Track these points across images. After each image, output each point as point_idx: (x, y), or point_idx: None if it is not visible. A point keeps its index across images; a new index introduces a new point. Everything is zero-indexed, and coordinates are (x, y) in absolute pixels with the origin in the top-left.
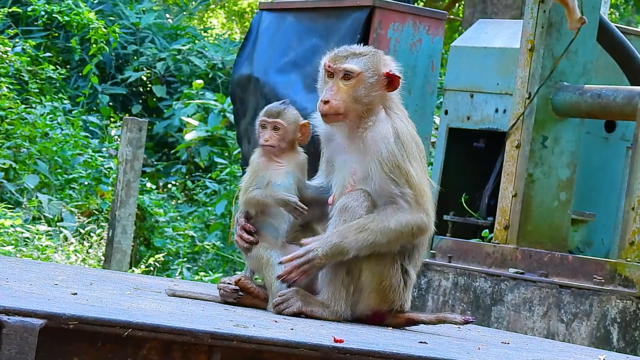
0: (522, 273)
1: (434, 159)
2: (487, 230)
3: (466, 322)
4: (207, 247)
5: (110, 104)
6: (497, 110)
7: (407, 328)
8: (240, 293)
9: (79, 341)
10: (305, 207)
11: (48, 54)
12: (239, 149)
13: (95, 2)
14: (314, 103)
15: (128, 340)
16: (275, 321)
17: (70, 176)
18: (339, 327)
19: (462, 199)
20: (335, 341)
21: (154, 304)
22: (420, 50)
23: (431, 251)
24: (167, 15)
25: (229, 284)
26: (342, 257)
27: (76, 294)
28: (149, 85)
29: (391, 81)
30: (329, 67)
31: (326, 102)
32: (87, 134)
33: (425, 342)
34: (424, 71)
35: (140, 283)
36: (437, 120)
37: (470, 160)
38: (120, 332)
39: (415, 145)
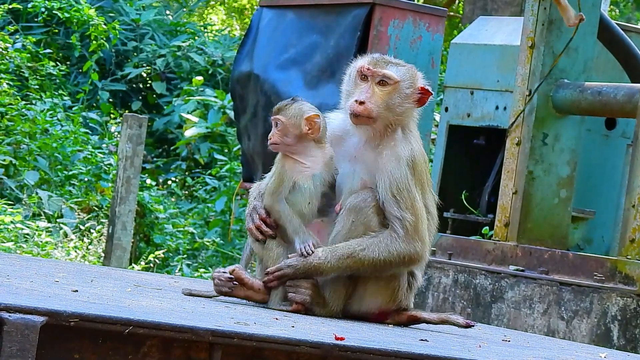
0: (522, 270)
1: (434, 156)
2: (487, 228)
3: (468, 326)
4: (207, 243)
5: (110, 100)
6: (497, 108)
7: (408, 326)
8: (235, 283)
9: (80, 338)
10: (311, 250)
11: (48, 51)
12: (239, 146)
13: None
14: (314, 100)
15: (129, 338)
16: (276, 318)
17: (70, 172)
18: (339, 325)
19: (462, 196)
20: (336, 339)
21: (155, 301)
22: (420, 47)
23: (431, 248)
24: (167, 12)
25: (223, 272)
26: (319, 276)
27: (77, 291)
28: (149, 82)
29: (422, 97)
30: (367, 69)
31: (362, 103)
32: (87, 131)
33: (426, 340)
34: (424, 68)
35: (141, 280)
36: (437, 117)
37: (471, 157)
38: (121, 330)
39: (425, 169)
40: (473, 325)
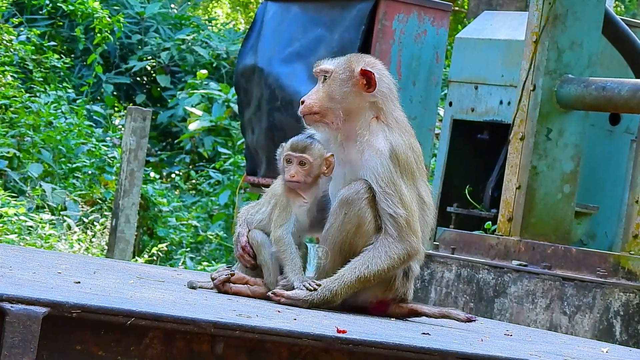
0: (525, 265)
1: (437, 151)
2: (490, 222)
3: (469, 321)
4: (211, 237)
5: (114, 93)
6: (501, 102)
7: (409, 319)
8: (232, 285)
9: (82, 330)
10: (316, 285)
11: (52, 43)
12: (243, 139)
13: None
14: None
15: (131, 329)
16: (279, 311)
17: (74, 165)
18: (341, 318)
19: (466, 190)
20: (338, 331)
21: (157, 293)
22: (425, 41)
23: (434, 243)
24: (172, 5)
25: (222, 274)
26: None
27: (79, 282)
28: (153, 75)
29: (369, 80)
30: (314, 72)
31: (302, 102)
32: (91, 123)
33: (428, 334)
34: (428, 62)
35: (144, 272)
36: (441, 111)
37: (474, 152)
38: (123, 321)
39: (412, 159)
40: (474, 320)
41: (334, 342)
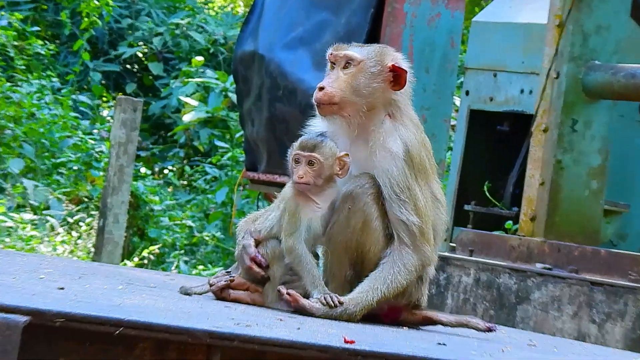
0: (550, 269)
1: (453, 144)
2: (511, 222)
3: (489, 330)
4: (207, 238)
5: (103, 82)
6: (522, 91)
7: (423, 328)
8: (231, 291)
9: (66, 340)
10: (338, 301)
11: (36, 28)
12: (242, 132)
13: None
14: None
15: (120, 340)
16: (281, 320)
17: (58, 160)
18: (349, 327)
19: (485, 187)
20: (346, 342)
21: (148, 299)
22: (439, 25)
23: (450, 244)
24: None
25: (220, 279)
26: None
27: (63, 288)
28: (145, 62)
29: (397, 78)
30: (331, 55)
31: (321, 89)
32: (77, 115)
33: (444, 344)
34: (442, 48)
35: (134, 277)
36: (457, 101)
37: (494, 144)
38: (111, 331)
39: (425, 157)
40: (495, 330)
41: (341, 353)
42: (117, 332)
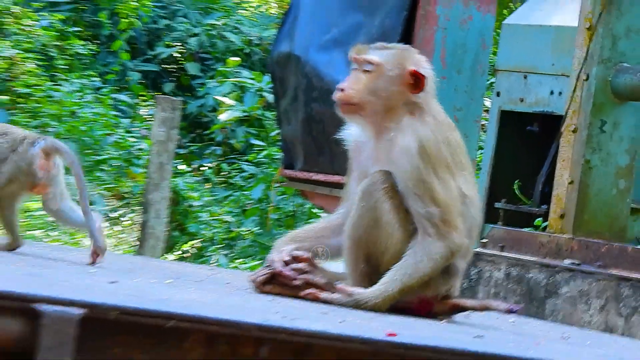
0: (578, 264)
1: (484, 144)
2: (540, 219)
3: (510, 312)
4: (244, 233)
5: (141, 81)
6: (552, 93)
7: (458, 321)
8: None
9: (120, 332)
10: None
11: (76, 29)
12: (278, 131)
13: None
14: None
15: (171, 332)
16: (325, 313)
17: (100, 157)
18: (388, 320)
19: (515, 185)
20: (388, 335)
21: (196, 293)
22: (470, 27)
23: (482, 240)
24: None
25: (262, 275)
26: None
27: (116, 282)
28: (182, 62)
29: (418, 82)
30: (353, 58)
31: (341, 90)
32: (117, 113)
33: (481, 336)
34: (474, 50)
35: (179, 271)
36: (487, 102)
37: (524, 144)
38: (163, 323)
39: (445, 152)
40: (515, 311)
41: (383, 345)
42: (169, 324)
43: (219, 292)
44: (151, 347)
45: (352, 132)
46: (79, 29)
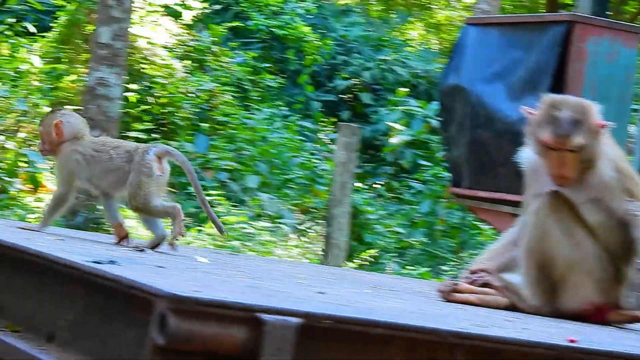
0: None
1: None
2: None
3: None
4: (414, 243)
5: (321, 109)
6: None
7: (631, 327)
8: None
9: (332, 339)
10: None
11: (266, 65)
12: (442, 152)
13: (307, 16)
14: (517, 112)
15: (377, 338)
16: (509, 320)
17: (288, 176)
18: (567, 327)
19: None
20: (570, 341)
21: (395, 302)
22: (616, 61)
23: None
24: (370, 30)
25: (448, 286)
26: None
27: (323, 293)
28: (357, 93)
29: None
30: (555, 144)
31: (562, 178)
32: (302, 138)
33: None
34: (620, 81)
35: (375, 281)
36: (632, 128)
37: None
38: (369, 331)
39: (632, 174)
40: None
41: (565, 351)
42: (375, 332)
43: (414, 301)
44: (359, 352)
45: (529, 156)
46: (269, 64)
